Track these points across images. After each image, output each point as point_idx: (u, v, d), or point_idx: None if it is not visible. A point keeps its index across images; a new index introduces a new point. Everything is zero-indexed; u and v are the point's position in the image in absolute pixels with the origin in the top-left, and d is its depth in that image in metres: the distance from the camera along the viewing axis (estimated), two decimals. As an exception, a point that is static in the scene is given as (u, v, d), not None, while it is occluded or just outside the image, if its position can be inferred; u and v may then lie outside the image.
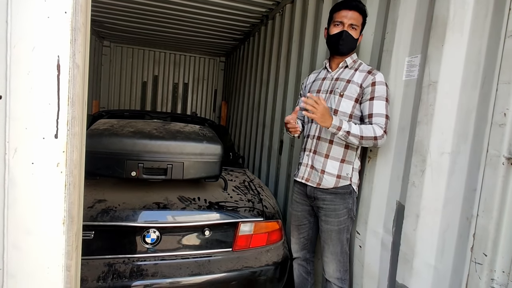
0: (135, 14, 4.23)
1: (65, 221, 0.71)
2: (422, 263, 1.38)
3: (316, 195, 1.65)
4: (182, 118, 3.32)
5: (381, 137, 1.48)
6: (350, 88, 1.59)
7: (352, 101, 1.59)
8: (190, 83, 6.96)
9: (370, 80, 1.55)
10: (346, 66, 1.67)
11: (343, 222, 1.62)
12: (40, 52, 0.67)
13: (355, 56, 1.69)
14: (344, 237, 1.64)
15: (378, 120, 1.50)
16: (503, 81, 1.15)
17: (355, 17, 1.58)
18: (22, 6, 0.65)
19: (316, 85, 1.75)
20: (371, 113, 1.52)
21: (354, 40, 1.61)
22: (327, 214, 1.64)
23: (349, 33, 1.59)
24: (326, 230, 1.65)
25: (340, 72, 1.67)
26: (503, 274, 1.11)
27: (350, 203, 1.63)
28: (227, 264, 1.65)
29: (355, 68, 1.64)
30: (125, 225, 1.55)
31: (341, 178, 1.61)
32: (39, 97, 0.68)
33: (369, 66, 1.64)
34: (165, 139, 1.67)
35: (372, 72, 1.57)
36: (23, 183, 0.69)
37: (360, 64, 1.66)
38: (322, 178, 1.62)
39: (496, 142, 1.15)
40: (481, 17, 1.24)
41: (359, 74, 1.60)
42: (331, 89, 1.65)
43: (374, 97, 1.53)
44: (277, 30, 3.52)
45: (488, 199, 1.17)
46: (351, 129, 1.47)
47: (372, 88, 1.54)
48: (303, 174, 1.70)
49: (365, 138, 1.48)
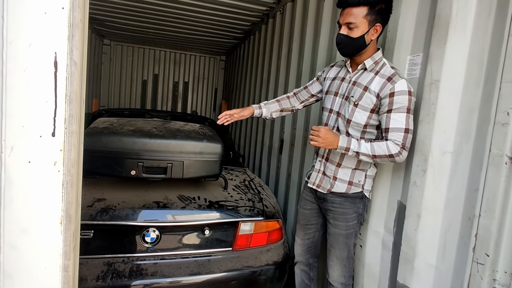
0: (135, 13, 4.22)
1: (63, 220, 0.70)
2: (423, 263, 1.37)
3: (325, 197, 1.61)
4: (182, 117, 3.31)
5: (398, 154, 1.36)
6: (366, 98, 1.43)
7: (367, 112, 1.44)
8: (190, 81, 6.95)
9: (388, 90, 1.37)
10: (365, 69, 1.49)
11: (352, 227, 1.57)
12: (37, 48, 0.66)
13: (378, 55, 1.47)
14: (351, 242, 1.59)
15: (394, 136, 1.36)
16: (506, 80, 1.14)
17: (350, 14, 1.39)
18: (18, 1, 0.64)
19: (335, 86, 1.60)
20: (387, 128, 1.39)
21: (353, 40, 1.41)
22: (335, 217, 1.58)
23: (344, 34, 1.42)
24: (334, 233, 1.59)
25: (359, 75, 1.50)
26: (505, 274, 1.10)
27: (360, 208, 1.57)
28: (227, 263, 1.64)
29: (376, 70, 1.45)
30: (125, 224, 1.54)
31: (353, 185, 1.55)
32: (36, 95, 0.67)
33: (392, 70, 1.42)
34: (165, 138, 1.66)
35: (393, 80, 1.38)
36: (20, 182, 0.68)
37: (383, 65, 1.45)
38: (333, 184, 1.56)
39: (499, 141, 1.14)
40: (484, 15, 1.23)
41: (378, 81, 1.41)
42: (347, 95, 1.52)
43: (392, 109, 1.37)
44: (278, 28, 3.50)
45: (491, 199, 1.15)
46: (360, 149, 1.40)
47: (390, 100, 1.36)
48: (314, 179, 1.65)
49: (379, 157, 1.39)
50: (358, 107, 1.45)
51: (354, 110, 1.47)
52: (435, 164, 1.33)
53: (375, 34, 1.43)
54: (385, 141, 1.39)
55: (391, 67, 1.44)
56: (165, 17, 4.31)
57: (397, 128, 1.36)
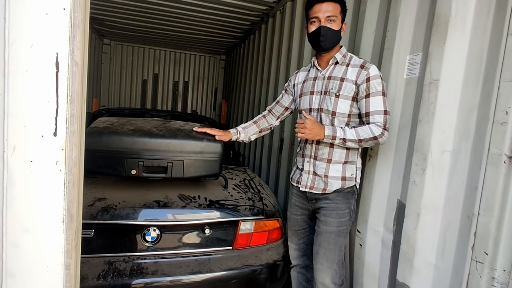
0: (135, 12, 4.22)
1: (64, 219, 0.71)
2: (423, 262, 1.38)
3: (318, 196, 1.57)
4: (182, 116, 3.31)
5: (381, 135, 1.42)
6: (346, 87, 1.48)
7: (349, 100, 1.49)
8: (191, 81, 6.95)
9: (364, 76, 1.45)
10: (337, 63, 1.55)
11: (344, 223, 1.54)
12: (39, 49, 0.67)
13: (344, 50, 1.57)
14: (341, 242, 1.54)
15: (376, 118, 1.43)
16: (505, 79, 1.14)
17: (330, 8, 1.46)
18: (20, 2, 0.65)
19: (308, 86, 1.63)
20: (367, 112, 1.45)
21: (335, 33, 1.48)
22: (327, 213, 1.54)
23: (327, 27, 1.46)
24: (325, 231, 1.54)
25: (332, 70, 1.55)
26: (504, 272, 1.11)
27: (352, 204, 1.56)
28: (227, 262, 1.64)
29: (346, 63, 1.53)
30: (125, 223, 1.54)
31: (347, 179, 1.54)
32: (38, 95, 0.68)
33: (361, 59, 1.52)
34: (165, 137, 1.67)
35: (365, 66, 1.46)
36: (22, 181, 0.69)
37: (351, 58, 1.54)
38: (327, 183, 1.54)
39: (497, 140, 1.14)
40: (483, 14, 1.24)
41: (352, 70, 1.49)
42: (325, 90, 1.54)
43: (370, 93, 1.44)
44: (278, 28, 3.51)
45: (489, 197, 1.16)
46: (346, 136, 1.43)
47: (367, 85, 1.44)
48: (306, 182, 1.59)
49: (364, 140, 1.43)
50: (340, 97, 1.49)
51: (337, 101, 1.50)
52: (434, 163, 1.33)
53: (343, 32, 1.54)
54: (367, 124, 1.44)
55: (358, 58, 1.54)
56: (165, 17, 4.31)
57: (377, 111, 1.43)
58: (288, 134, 2.95)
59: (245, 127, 1.86)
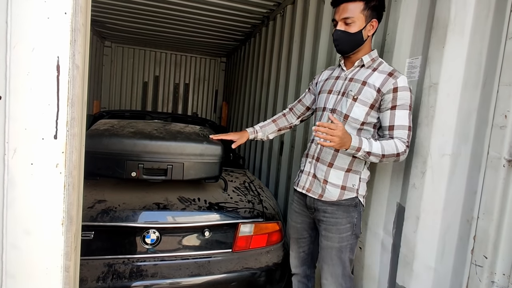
0: (136, 15, 4.24)
1: (64, 221, 0.71)
2: (422, 265, 1.37)
3: (316, 205, 1.47)
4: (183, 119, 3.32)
5: (404, 152, 1.30)
6: (365, 92, 1.36)
7: (367, 107, 1.37)
8: (191, 83, 6.97)
9: (391, 85, 1.32)
10: (363, 65, 1.44)
11: (345, 239, 1.42)
12: (40, 52, 0.67)
13: (375, 53, 1.44)
14: (346, 257, 1.44)
15: (400, 133, 1.30)
16: (504, 83, 1.15)
17: (346, 9, 1.35)
18: (22, 7, 0.65)
19: (328, 84, 1.53)
20: (392, 125, 1.32)
21: (352, 36, 1.37)
22: (327, 228, 1.45)
23: (341, 30, 1.38)
24: (326, 247, 1.45)
25: (355, 72, 1.45)
26: (504, 276, 1.11)
27: (354, 218, 1.43)
28: (227, 265, 1.64)
29: (374, 67, 1.41)
30: (125, 225, 1.55)
31: (346, 189, 1.42)
32: (39, 98, 0.68)
33: (391, 67, 1.39)
34: (165, 140, 1.67)
35: (394, 75, 1.33)
36: (22, 183, 0.69)
37: (381, 63, 1.42)
38: (324, 189, 1.43)
39: (496, 144, 1.15)
40: (482, 18, 1.24)
41: (378, 76, 1.36)
42: (344, 91, 1.44)
43: (396, 105, 1.31)
44: (278, 31, 3.52)
45: (489, 201, 1.16)
46: (372, 149, 1.28)
47: (393, 95, 1.31)
48: (304, 183, 1.52)
49: (387, 156, 1.29)
50: (357, 101, 1.38)
51: (353, 104, 1.39)
52: (434, 166, 1.34)
53: (372, 30, 1.40)
54: (391, 139, 1.32)
55: (389, 65, 1.42)
56: (166, 19, 4.33)
57: (402, 125, 1.31)
58: (288, 137, 2.96)
59: (263, 125, 1.79)
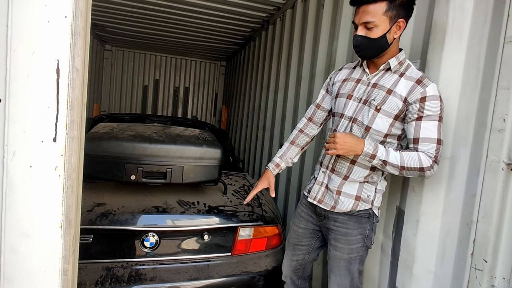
0: (136, 19, 4.26)
1: (63, 225, 0.71)
2: (422, 269, 1.37)
3: (326, 213, 1.40)
4: (183, 122, 3.32)
5: (430, 168, 1.17)
6: (391, 102, 1.23)
7: (391, 118, 1.25)
8: (191, 87, 6.99)
9: (418, 94, 1.19)
10: (389, 69, 1.29)
11: (355, 250, 1.35)
12: (40, 56, 0.68)
13: (402, 55, 1.29)
14: (355, 269, 1.37)
15: (426, 147, 1.18)
16: (502, 87, 1.15)
17: (367, 12, 1.20)
18: (22, 10, 0.66)
19: (348, 87, 1.38)
20: (417, 138, 1.20)
21: (373, 41, 1.22)
22: (337, 238, 1.37)
23: (362, 36, 1.23)
24: (335, 257, 1.38)
25: (380, 76, 1.30)
26: (504, 280, 1.10)
27: (367, 229, 1.35)
28: (226, 268, 1.64)
29: (401, 72, 1.26)
30: (124, 229, 1.54)
31: (361, 200, 1.33)
32: (38, 101, 0.69)
33: (420, 72, 1.25)
34: (165, 143, 1.67)
35: (423, 83, 1.20)
36: (21, 186, 0.69)
37: (408, 67, 1.27)
38: (338, 200, 1.35)
39: (495, 147, 1.15)
40: (480, 22, 1.25)
41: (405, 83, 1.22)
42: (366, 99, 1.30)
43: (422, 116, 1.19)
44: (278, 35, 3.54)
45: (488, 204, 1.16)
46: (388, 158, 1.19)
47: (420, 105, 1.18)
48: (316, 194, 1.42)
49: (408, 169, 1.19)
50: (380, 112, 1.25)
51: (376, 115, 1.26)
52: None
53: (398, 32, 1.23)
54: (415, 151, 1.20)
55: (418, 69, 1.28)
56: (166, 23, 4.36)
57: (429, 138, 1.19)
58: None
59: (283, 154, 1.63)
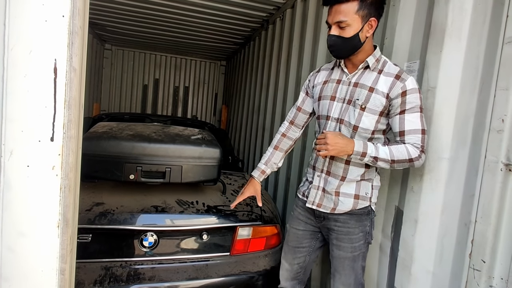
0: (136, 18, 4.26)
1: (60, 224, 0.71)
2: (421, 269, 1.37)
3: (326, 215, 1.41)
4: (182, 122, 3.32)
5: (418, 157, 1.23)
6: (374, 99, 1.27)
7: (376, 115, 1.29)
8: (191, 86, 6.99)
9: (399, 89, 1.23)
10: (367, 67, 1.32)
11: (358, 248, 1.38)
12: (37, 55, 0.68)
13: (378, 52, 1.32)
14: (358, 266, 1.39)
15: (413, 138, 1.23)
16: (500, 88, 1.15)
17: (339, 11, 1.22)
18: (20, 9, 0.66)
19: (329, 89, 1.40)
20: (402, 131, 1.25)
21: (347, 41, 1.25)
22: (339, 238, 1.39)
23: (335, 35, 1.26)
24: (338, 256, 1.40)
25: (360, 75, 1.33)
26: (502, 281, 1.11)
27: (367, 226, 1.39)
28: (224, 268, 1.64)
29: (379, 69, 1.30)
30: (123, 228, 1.54)
31: (360, 198, 1.36)
32: (36, 100, 0.68)
33: (396, 67, 1.30)
34: (164, 143, 1.67)
35: (401, 77, 1.25)
36: (18, 185, 0.69)
37: (385, 63, 1.32)
38: (337, 201, 1.37)
39: (494, 148, 1.15)
40: (479, 23, 1.25)
41: (384, 80, 1.27)
42: (350, 99, 1.33)
43: (405, 110, 1.24)
44: (278, 34, 3.53)
45: (486, 205, 1.16)
46: (378, 154, 1.23)
47: (402, 99, 1.23)
48: (314, 198, 1.43)
49: (398, 162, 1.23)
50: (366, 110, 1.29)
51: (362, 114, 1.30)
52: (432, 170, 1.34)
53: (370, 30, 1.27)
54: (402, 144, 1.25)
55: (394, 64, 1.32)
56: (166, 22, 4.35)
57: (414, 130, 1.24)
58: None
59: (267, 160, 1.64)
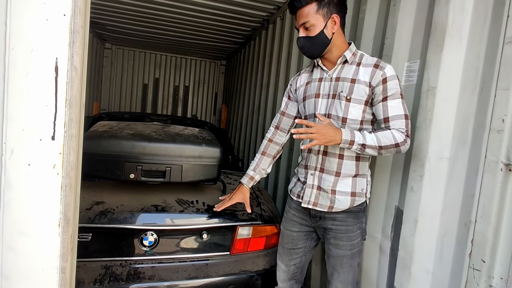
0: (137, 17, 4.25)
1: (61, 223, 0.71)
2: (420, 269, 1.37)
3: (323, 214, 1.41)
4: (182, 121, 3.32)
5: (404, 142, 1.26)
6: (358, 89, 1.31)
7: (362, 105, 1.32)
8: (191, 86, 6.98)
9: (379, 77, 1.28)
10: (346, 61, 1.37)
11: (356, 245, 1.40)
12: (39, 54, 0.68)
13: (353, 47, 1.39)
14: (355, 263, 1.43)
15: (397, 123, 1.27)
16: (501, 88, 1.15)
17: (302, 15, 1.33)
18: (21, 8, 0.66)
19: (313, 88, 1.44)
20: (386, 117, 1.29)
21: (314, 39, 1.33)
22: (337, 236, 1.40)
23: (303, 37, 1.35)
24: (337, 255, 1.41)
25: (340, 70, 1.38)
26: (501, 280, 1.11)
27: (363, 222, 1.42)
28: (224, 267, 1.64)
29: (357, 62, 1.36)
30: (123, 227, 1.54)
31: (357, 195, 1.38)
32: (37, 99, 0.68)
33: (374, 58, 1.35)
34: (164, 142, 1.67)
35: (380, 66, 1.30)
36: (19, 184, 0.69)
37: (362, 56, 1.37)
38: (334, 200, 1.37)
39: (494, 148, 1.15)
40: (480, 23, 1.25)
41: (364, 70, 1.32)
42: (334, 93, 1.36)
43: (387, 96, 1.28)
44: (278, 34, 3.53)
45: (486, 205, 1.16)
46: (366, 141, 1.25)
47: (383, 86, 1.27)
48: (309, 197, 1.42)
49: (385, 148, 1.26)
50: (351, 101, 1.33)
51: (348, 105, 1.33)
52: (432, 170, 1.34)
53: (335, 26, 1.34)
54: (388, 130, 1.28)
55: (370, 56, 1.38)
56: (166, 22, 4.35)
57: (397, 115, 1.28)
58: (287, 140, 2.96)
59: (255, 166, 1.66)
